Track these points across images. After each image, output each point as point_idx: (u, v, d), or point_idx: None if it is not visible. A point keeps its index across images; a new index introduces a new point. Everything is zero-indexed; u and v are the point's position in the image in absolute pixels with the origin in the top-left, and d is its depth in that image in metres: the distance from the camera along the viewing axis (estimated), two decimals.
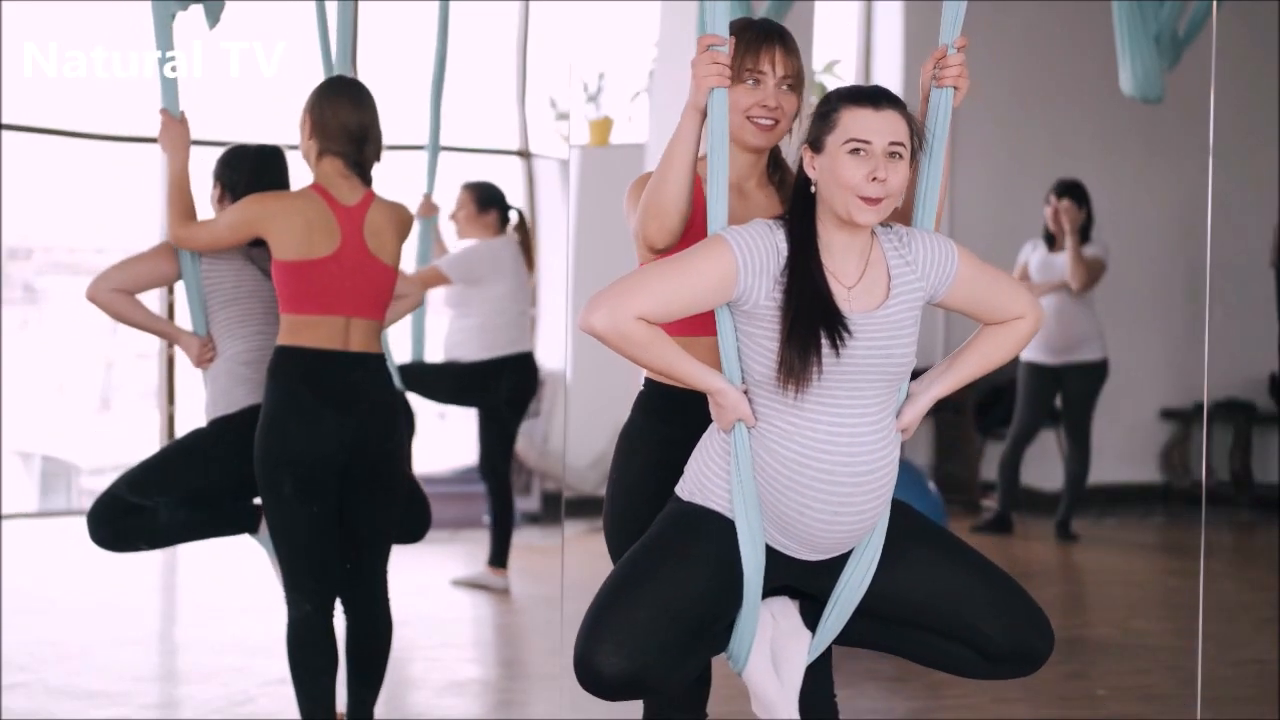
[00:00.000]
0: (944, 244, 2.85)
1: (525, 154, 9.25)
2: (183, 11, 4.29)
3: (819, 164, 2.78)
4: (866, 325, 2.76)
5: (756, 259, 2.74)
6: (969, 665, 2.95)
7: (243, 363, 4.12)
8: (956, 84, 2.90)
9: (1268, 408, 9.39)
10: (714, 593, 2.80)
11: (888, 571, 2.89)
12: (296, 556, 3.97)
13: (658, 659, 2.73)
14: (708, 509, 2.85)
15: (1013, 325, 2.90)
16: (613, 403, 8.61)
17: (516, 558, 6.87)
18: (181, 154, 4.09)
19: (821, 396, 2.75)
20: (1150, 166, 9.11)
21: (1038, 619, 2.92)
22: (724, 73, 2.84)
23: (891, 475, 2.84)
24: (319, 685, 4.03)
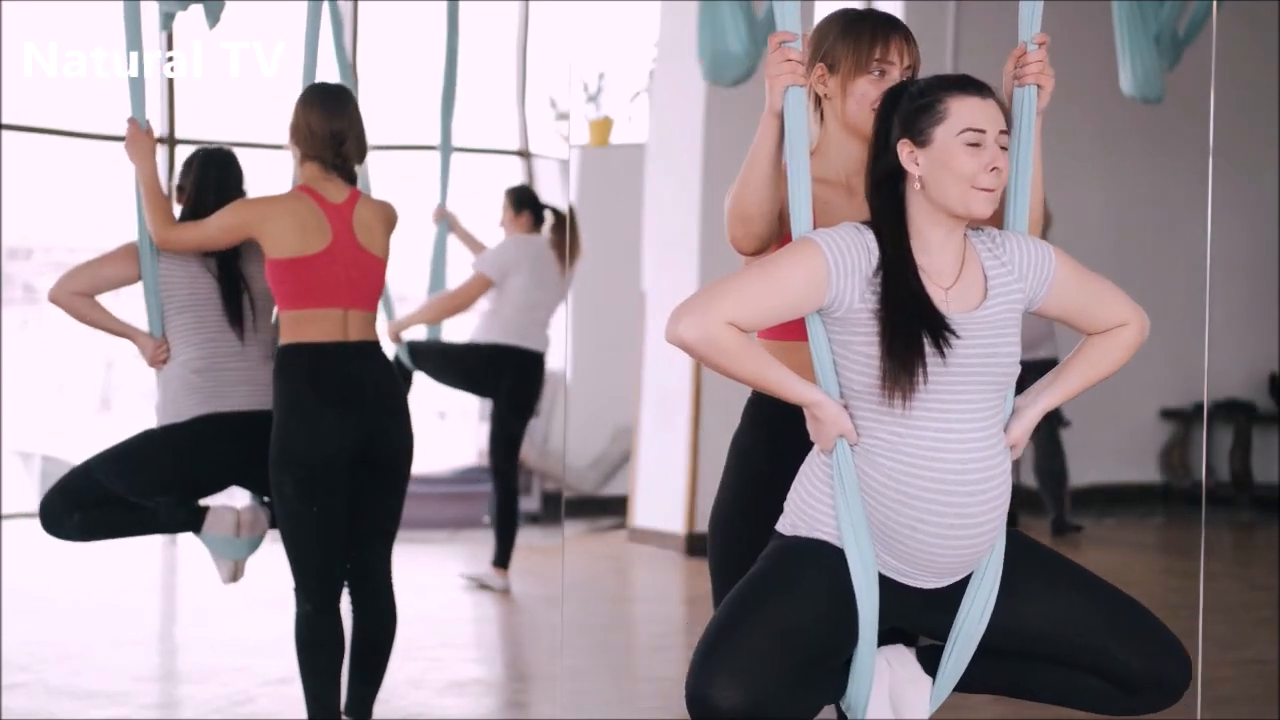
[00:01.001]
0: (1039, 246, 2.72)
1: (525, 154, 9.25)
2: (182, 11, 4.30)
3: (925, 158, 2.62)
4: (968, 325, 2.62)
5: (848, 259, 2.60)
6: (1104, 699, 2.76)
7: (194, 370, 4.16)
8: (1039, 81, 2.78)
9: (1268, 408, 9.39)
10: (828, 623, 2.64)
11: (1007, 601, 2.71)
12: (304, 556, 4.01)
13: (774, 691, 2.56)
14: (813, 539, 2.68)
15: (1117, 334, 2.76)
16: (613, 403, 8.68)
17: (517, 558, 6.87)
18: (150, 161, 4.16)
19: (928, 403, 2.60)
20: (1150, 166, 9.11)
21: (1171, 643, 2.75)
22: (798, 70, 2.72)
23: (1006, 488, 2.66)
24: (325, 683, 4.06)
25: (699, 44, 5.84)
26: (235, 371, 4.17)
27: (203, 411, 4.14)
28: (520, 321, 6.69)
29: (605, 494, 8.87)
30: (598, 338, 8.71)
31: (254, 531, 4.24)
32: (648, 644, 6.16)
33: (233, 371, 4.17)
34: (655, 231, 8.08)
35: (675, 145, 7.94)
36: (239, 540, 4.23)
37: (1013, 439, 2.71)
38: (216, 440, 4.14)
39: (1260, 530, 8.81)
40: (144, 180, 4.12)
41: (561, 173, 9.10)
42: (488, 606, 6.73)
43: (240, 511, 4.23)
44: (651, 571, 7.51)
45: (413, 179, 6.40)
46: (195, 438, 4.13)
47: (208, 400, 4.15)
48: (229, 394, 4.16)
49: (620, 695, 5.28)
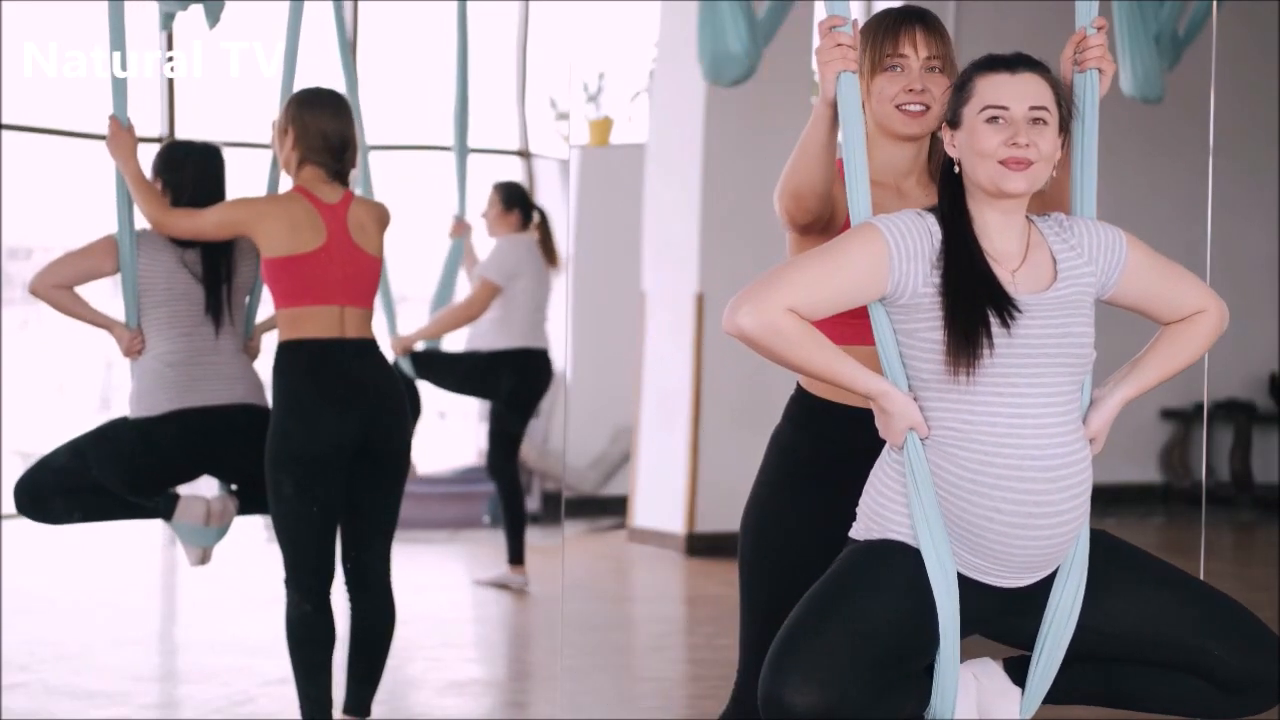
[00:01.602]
0: (1110, 230, 2.64)
1: (525, 154, 9.25)
2: (182, 11, 4.30)
3: (958, 140, 2.58)
4: (1036, 306, 2.53)
5: (909, 243, 2.53)
6: (1203, 700, 2.63)
7: (168, 363, 4.18)
8: (1100, 65, 2.70)
9: (1268, 408, 9.39)
10: (905, 622, 2.53)
11: (1094, 600, 2.60)
12: (299, 554, 4.03)
13: (851, 690, 2.46)
14: (888, 540, 2.58)
15: (1194, 321, 2.66)
16: (613, 403, 8.67)
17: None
18: (133, 159, 4.19)
19: (998, 385, 2.51)
20: (1150, 166, 9.11)
21: (1268, 637, 2.61)
22: (849, 55, 2.63)
23: (1087, 476, 2.56)
24: (319, 680, 4.09)
25: (699, 44, 5.84)
26: (208, 366, 4.20)
27: (175, 406, 4.16)
28: (528, 323, 6.69)
29: (605, 494, 8.87)
30: (598, 338, 8.70)
31: (223, 521, 4.29)
32: (648, 644, 6.16)
33: (206, 366, 4.20)
34: (655, 231, 8.08)
35: (675, 145, 7.94)
36: (208, 529, 4.26)
37: (1093, 430, 2.62)
38: (186, 433, 4.16)
39: (1260, 530, 8.81)
40: (129, 174, 4.15)
41: (561, 173, 9.10)
42: (488, 606, 6.72)
43: (210, 501, 4.26)
44: (651, 571, 7.51)
45: (412, 179, 6.40)
46: (165, 430, 4.14)
47: (181, 394, 4.17)
48: (201, 388, 4.18)
49: (620, 695, 5.27)
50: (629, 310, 8.20)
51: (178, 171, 4.24)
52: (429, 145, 8.27)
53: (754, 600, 2.90)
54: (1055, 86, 2.60)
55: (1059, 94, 2.60)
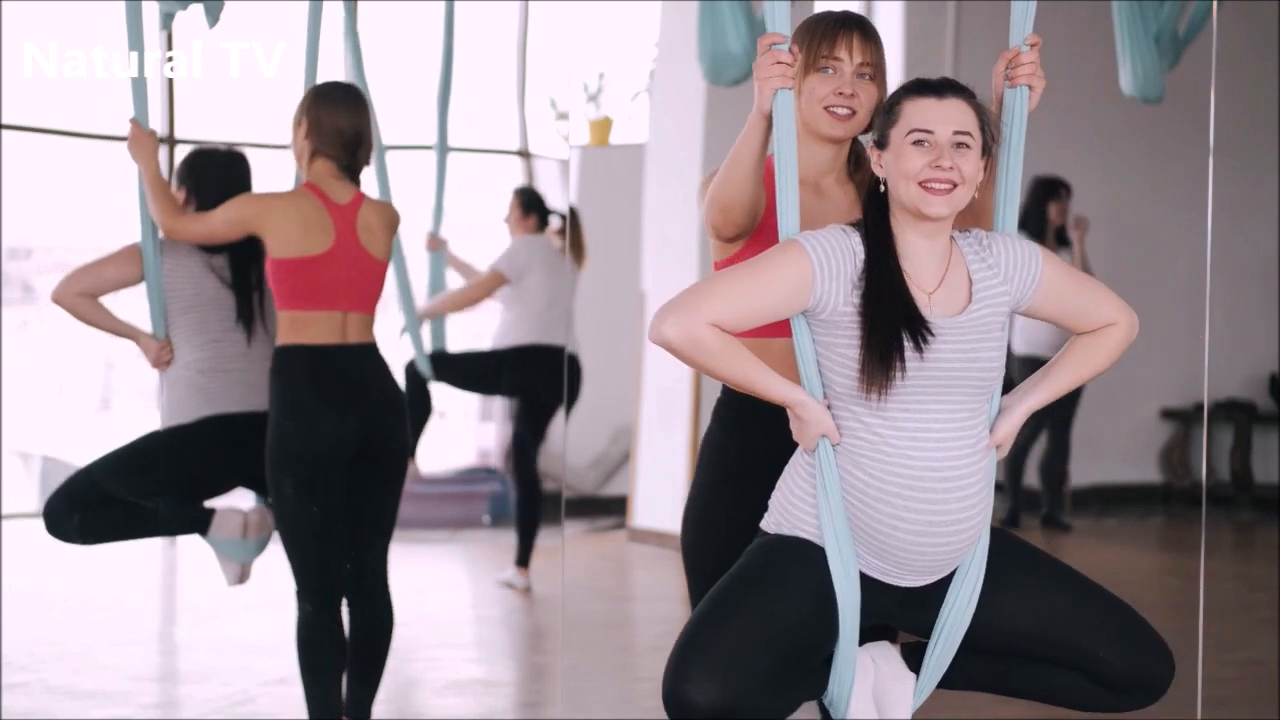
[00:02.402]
0: (1027, 247, 2.72)
1: (525, 154, 9.25)
2: (183, 11, 4.29)
3: (885, 160, 2.67)
4: (949, 329, 2.64)
5: (832, 263, 2.63)
6: (1088, 697, 2.77)
7: (199, 371, 4.15)
8: (1031, 82, 2.79)
9: (1268, 408, 9.39)
10: (807, 620, 2.65)
11: (991, 599, 2.72)
12: (304, 557, 4.00)
13: (751, 688, 2.56)
14: (795, 538, 2.70)
15: (1105, 333, 2.76)
16: (613, 403, 8.66)
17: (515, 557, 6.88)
18: (153, 162, 4.15)
19: (907, 403, 2.63)
20: (1150, 166, 9.11)
21: (1155, 643, 2.74)
22: (787, 73, 2.72)
23: (986, 488, 2.69)
24: (325, 684, 4.06)
25: (699, 44, 5.83)
26: (240, 373, 4.17)
27: (208, 413, 4.13)
28: (541, 319, 6.72)
29: (605, 494, 8.87)
30: (598, 338, 8.70)
31: (260, 533, 4.24)
32: (648, 644, 6.16)
33: (237, 373, 4.17)
34: (655, 231, 8.08)
35: (675, 145, 7.94)
36: (246, 542, 4.22)
37: (999, 438, 2.73)
38: (221, 442, 4.13)
39: (1260, 530, 8.81)
40: (148, 178, 4.11)
41: (561, 173, 9.10)
42: (488, 606, 6.73)
43: (247, 513, 4.22)
44: (651, 571, 7.51)
45: (410, 179, 6.40)
46: (200, 439, 4.13)
47: (213, 401, 4.14)
48: (234, 395, 4.15)
49: (620, 695, 5.27)
50: (629, 310, 8.21)
51: (201, 178, 4.20)
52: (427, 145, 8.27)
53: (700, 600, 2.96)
54: (979, 112, 2.68)
55: (983, 119, 2.68)
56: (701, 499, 2.99)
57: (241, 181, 4.24)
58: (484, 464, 8.80)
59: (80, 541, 4.15)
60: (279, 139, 4.21)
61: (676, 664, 2.59)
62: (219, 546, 4.21)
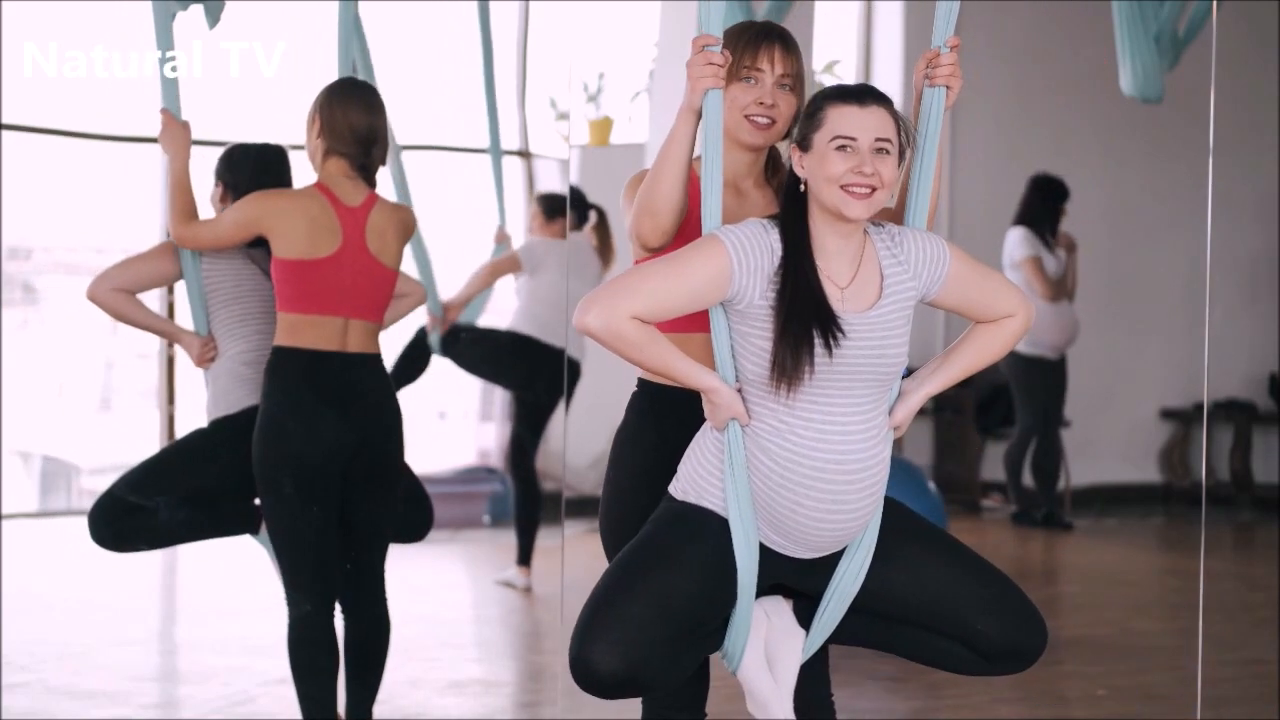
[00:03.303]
0: (935, 243, 2.85)
1: (525, 154, 9.25)
2: (183, 11, 4.29)
3: (807, 162, 2.78)
4: (859, 325, 2.77)
5: (751, 258, 2.75)
6: (963, 662, 2.95)
7: (244, 363, 4.12)
8: (949, 83, 2.90)
9: (1268, 408, 9.39)
10: (708, 591, 2.81)
11: (881, 569, 2.89)
12: (298, 557, 3.97)
13: (652, 656, 2.73)
14: (701, 507, 2.85)
15: (1004, 324, 2.91)
16: (613, 403, 8.63)
17: (516, 557, 6.88)
18: (183, 155, 4.08)
19: (814, 395, 2.76)
20: (1150, 166, 9.12)
21: (1031, 616, 2.91)
22: (719, 74, 2.84)
23: (883, 473, 2.84)
24: (321, 685, 4.03)
25: None
26: None
27: (254, 402, 4.07)
28: (547, 317, 6.71)
29: None
30: None
31: None
32: None
33: None
34: None
35: None
36: None
37: (896, 421, 2.87)
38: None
39: (1260, 530, 8.81)
40: (174, 173, 4.05)
41: (561, 173, 9.10)
42: (488, 606, 6.73)
43: None
44: None
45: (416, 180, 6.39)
46: (249, 428, 4.02)
47: (257, 390, 4.07)
48: None
49: None
50: None
51: (237, 173, 4.15)
52: (428, 146, 8.28)
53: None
54: (898, 119, 2.80)
55: (901, 126, 2.80)
56: (618, 490, 3.08)
57: (280, 176, 4.16)
58: (484, 464, 8.80)
59: (128, 549, 4.10)
60: (279, 139, 4.19)
61: (582, 631, 2.74)
62: (269, 545, 4.13)
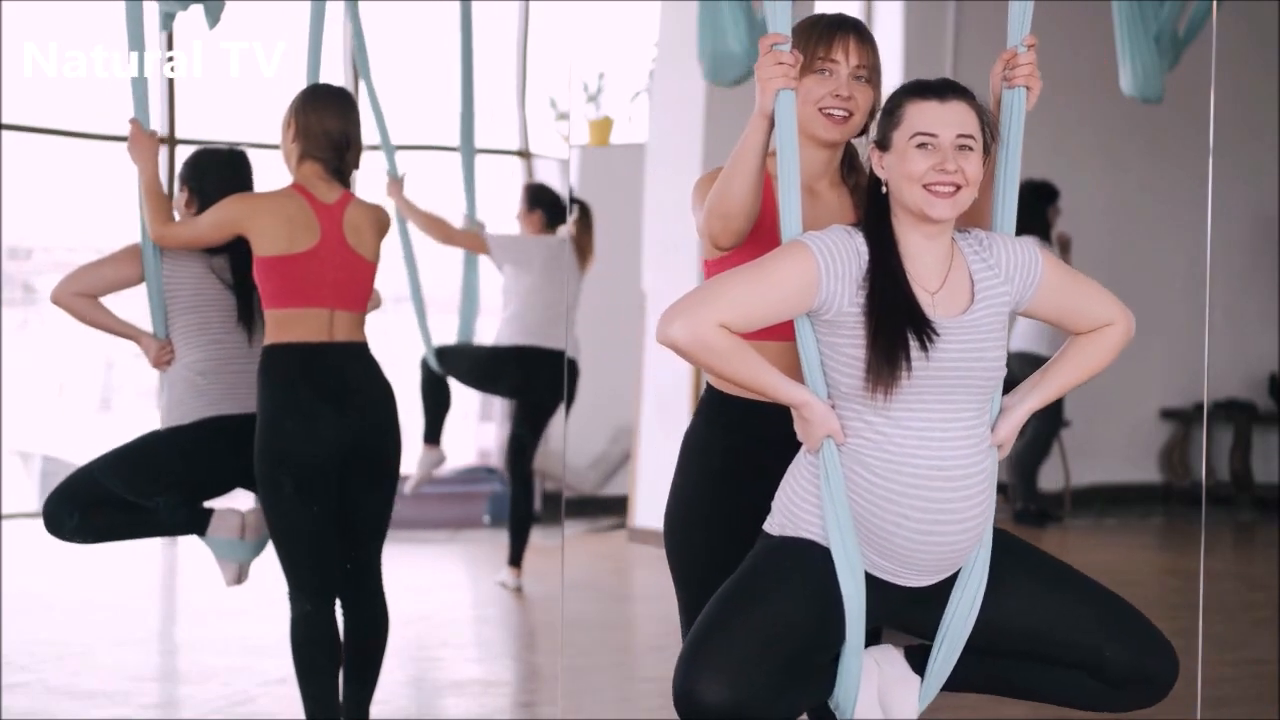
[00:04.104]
0: (1027, 248, 2.74)
1: (525, 154, 9.24)
2: (183, 11, 4.30)
3: (887, 162, 2.69)
4: (953, 329, 2.66)
5: (838, 264, 2.64)
6: (1091, 696, 2.78)
7: (199, 372, 4.16)
8: (1028, 83, 2.80)
9: (1268, 408, 9.39)
10: (814, 620, 2.67)
11: (994, 599, 2.74)
12: (298, 555, 4.01)
13: (760, 689, 2.59)
14: (800, 539, 2.72)
15: (1103, 333, 2.79)
16: (613, 403, 8.66)
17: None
18: (152, 163, 4.16)
19: (911, 403, 2.64)
20: (1150, 166, 9.11)
21: (1157, 639, 2.76)
22: (789, 73, 2.72)
23: (990, 486, 2.71)
24: (323, 683, 4.06)
25: (699, 44, 5.84)
26: (240, 374, 4.17)
27: (208, 414, 4.14)
28: (540, 321, 6.69)
29: (605, 494, 8.87)
30: (598, 338, 8.69)
31: (258, 534, 4.23)
32: (648, 644, 6.16)
33: (238, 374, 4.17)
34: (655, 231, 8.08)
35: (675, 145, 7.93)
36: (244, 543, 4.22)
37: (1000, 438, 2.75)
38: (221, 442, 4.13)
39: (1260, 530, 8.81)
40: (144, 181, 4.12)
41: (561, 173, 9.10)
42: (488, 606, 6.73)
43: (245, 514, 4.22)
44: (651, 571, 7.50)
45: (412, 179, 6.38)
46: (200, 439, 4.13)
47: (214, 403, 4.14)
48: (234, 396, 4.15)
49: (620, 695, 5.27)
50: (629, 310, 8.20)
51: (202, 178, 4.21)
52: (428, 146, 8.27)
53: (689, 597, 2.98)
54: (980, 113, 2.70)
55: (984, 120, 2.70)
56: (683, 498, 3.00)
57: (243, 181, 4.24)
58: (484, 464, 8.80)
59: (79, 540, 4.15)
60: (279, 139, 4.21)
61: (686, 665, 2.61)
62: (217, 547, 4.22)
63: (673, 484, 3.03)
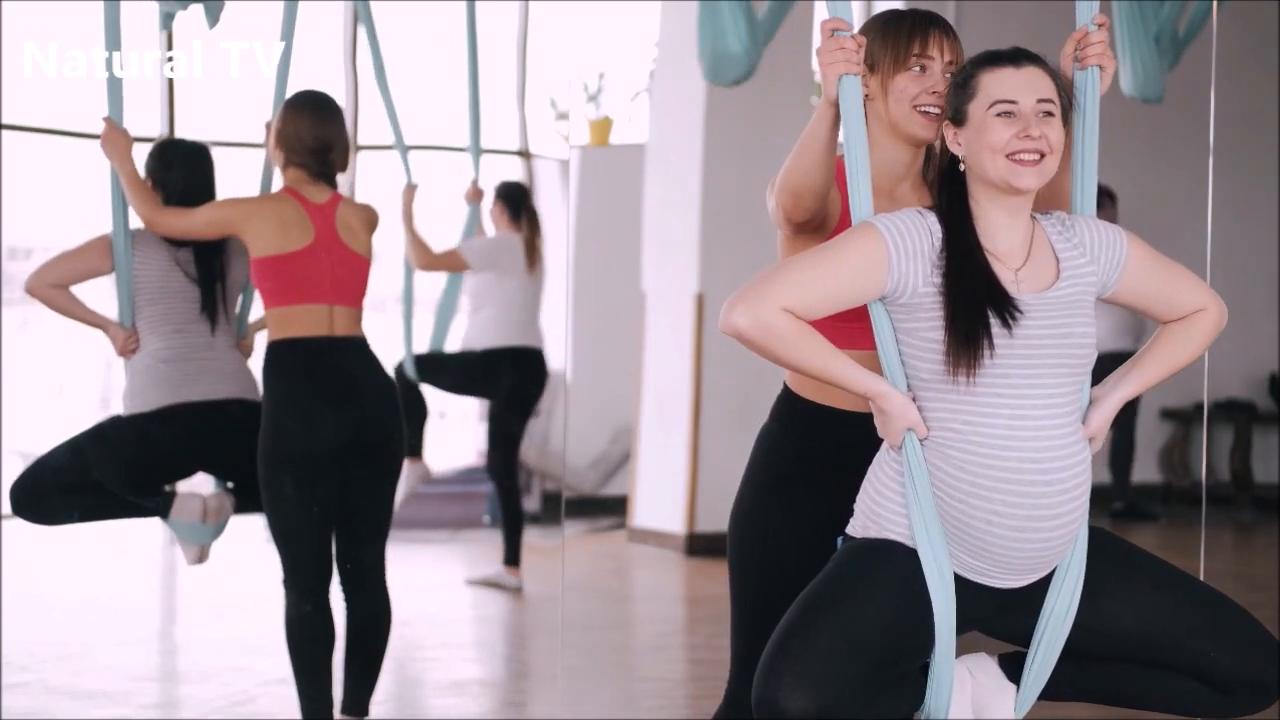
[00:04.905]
0: (1111, 229, 2.62)
1: (525, 154, 9.24)
2: (182, 11, 4.31)
3: (964, 137, 2.57)
4: (1038, 305, 2.52)
5: (908, 242, 2.51)
6: (1198, 700, 2.63)
7: (162, 360, 4.20)
8: (1102, 62, 2.69)
9: (1268, 408, 9.39)
10: (900, 623, 2.52)
11: (1091, 600, 2.59)
12: (300, 555, 4.04)
13: (845, 695, 2.44)
14: (885, 540, 2.57)
15: (1195, 319, 2.66)
16: (613, 403, 8.66)
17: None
18: (128, 160, 4.24)
19: (998, 386, 2.49)
20: (1150, 166, 9.11)
21: (1265, 639, 2.62)
22: (852, 58, 2.61)
23: (1086, 477, 2.55)
24: (319, 677, 4.08)
25: (699, 44, 5.83)
26: (202, 361, 4.21)
27: (170, 401, 4.18)
28: (519, 323, 6.68)
29: (605, 494, 8.87)
30: (598, 338, 8.70)
31: (219, 518, 4.29)
32: (648, 644, 6.16)
33: (199, 361, 4.21)
34: (655, 231, 8.08)
35: (675, 145, 7.93)
36: (206, 526, 4.26)
37: (1092, 430, 2.60)
38: (183, 429, 4.17)
39: (1260, 530, 8.81)
40: (124, 174, 4.20)
41: (561, 173, 9.10)
42: (487, 606, 6.72)
43: (206, 498, 4.26)
44: (651, 571, 7.51)
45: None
46: (162, 426, 4.16)
47: (175, 390, 4.18)
48: (195, 383, 4.19)
49: (620, 695, 5.27)
50: (629, 310, 8.20)
51: (168, 171, 4.26)
52: (426, 146, 8.27)
53: (745, 601, 2.89)
54: (1055, 78, 2.60)
55: (1059, 85, 2.60)
56: (751, 499, 2.88)
57: (207, 174, 4.29)
58: (484, 464, 8.80)
59: (45, 522, 4.21)
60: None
61: (768, 671, 2.48)
62: (179, 530, 4.27)
63: (742, 483, 2.91)
